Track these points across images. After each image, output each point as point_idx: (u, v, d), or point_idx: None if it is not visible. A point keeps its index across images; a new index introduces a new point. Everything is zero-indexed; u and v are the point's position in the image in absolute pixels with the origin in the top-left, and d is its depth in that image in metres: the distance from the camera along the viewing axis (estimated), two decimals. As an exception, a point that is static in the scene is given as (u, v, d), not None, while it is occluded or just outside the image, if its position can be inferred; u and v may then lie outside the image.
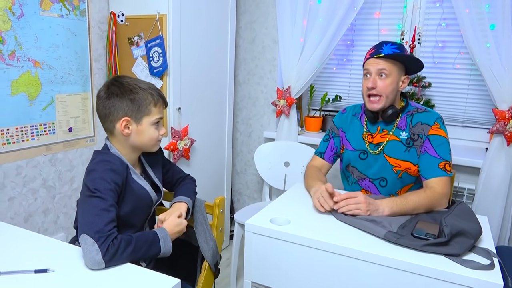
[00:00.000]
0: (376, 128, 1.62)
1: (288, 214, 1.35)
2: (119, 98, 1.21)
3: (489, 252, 1.09)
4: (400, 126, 1.58)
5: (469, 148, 2.29)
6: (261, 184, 2.87)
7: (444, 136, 1.52)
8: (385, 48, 1.53)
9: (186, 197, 1.40)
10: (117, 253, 1.03)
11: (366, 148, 1.63)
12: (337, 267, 1.15)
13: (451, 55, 2.28)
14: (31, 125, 1.91)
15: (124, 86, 1.22)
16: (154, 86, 1.28)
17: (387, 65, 1.52)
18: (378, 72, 1.53)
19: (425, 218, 1.29)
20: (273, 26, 2.64)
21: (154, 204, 1.36)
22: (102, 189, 1.11)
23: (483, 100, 2.24)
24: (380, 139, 1.60)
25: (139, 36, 2.12)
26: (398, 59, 1.53)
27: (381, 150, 1.59)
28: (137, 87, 1.23)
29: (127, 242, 1.07)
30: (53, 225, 2.10)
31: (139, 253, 1.10)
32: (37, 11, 1.85)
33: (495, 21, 1.93)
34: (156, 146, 1.33)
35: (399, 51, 1.51)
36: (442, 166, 1.46)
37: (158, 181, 1.39)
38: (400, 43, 1.58)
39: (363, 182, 1.66)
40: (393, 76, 1.53)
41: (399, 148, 1.56)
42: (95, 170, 1.15)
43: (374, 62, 1.54)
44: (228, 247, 2.79)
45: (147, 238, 1.14)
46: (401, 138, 1.56)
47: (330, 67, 2.64)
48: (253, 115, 2.85)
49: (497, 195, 2.02)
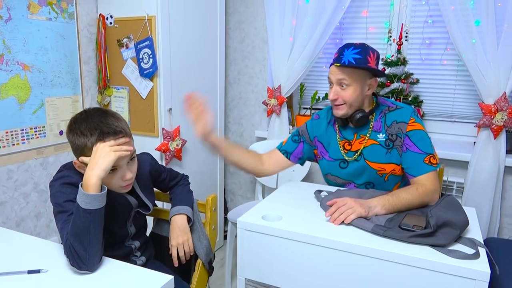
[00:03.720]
0: (353, 135, 1.55)
1: (280, 210, 1.37)
2: (70, 140, 1.16)
3: (475, 242, 1.12)
4: (376, 129, 1.52)
5: (458, 142, 2.33)
6: (253, 184, 2.89)
7: (422, 129, 1.47)
8: (346, 54, 1.44)
9: (184, 206, 1.39)
10: (74, 254, 1.00)
11: (343, 157, 1.56)
12: (327, 261, 1.17)
13: (438, 52, 2.31)
14: (21, 128, 1.90)
15: (73, 130, 1.15)
16: (105, 126, 1.12)
17: (347, 74, 1.44)
18: (338, 82, 1.46)
19: (412, 211, 1.32)
20: (262, 26, 2.66)
21: (135, 208, 1.32)
22: (61, 202, 1.11)
23: (470, 95, 2.27)
24: (359, 145, 1.53)
25: (128, 38, 2.13)
26: (357, 67, 1.44)
27: (358, 155, 1.53)
28: (79, 131, 1.12)
29: (72, 235, 1.02)
30: (46, 229, 2.09)
31: (84, 231, 1.01)
32: (25, 14, 1.85)
33: (480, 17, 1.96)
34: (123, 190, 1.22)
35: (360, 56, 1.42)
36: (428, 161, 1.44)
37: (144, 194, 1.34)
38: (363, 45, 1.46)
39: (349, 186, 1.61)
40: (354, 84, 1.45)
41: (379, 152, 1.50)
42: (53, 186, 1.16)
43: (335, 71, 1.46)
44: (222, 247, 2.80)
45: (74, 213, 1.03)
46: (379, 140, 1.50)
47: (320, 65, 2.66)
48: (245, 114, 2.86)
49: (486, 188, 2.06)
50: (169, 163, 2.20)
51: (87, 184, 1.02)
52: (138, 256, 1.36)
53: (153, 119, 2.15)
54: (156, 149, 2.13)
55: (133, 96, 2.20)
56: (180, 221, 1.35)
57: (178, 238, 1.33)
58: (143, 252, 1.39)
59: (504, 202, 2.15)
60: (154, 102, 2.14)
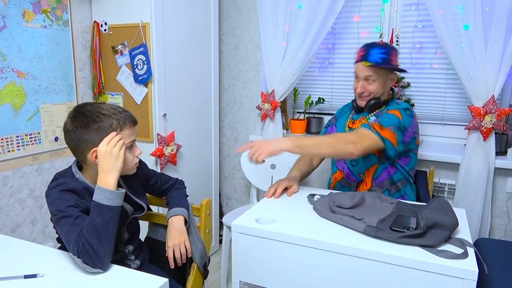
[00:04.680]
0: (359, 116, 1.80)
1: (273, 213, 1.39)
2: (84, 130, 1.17)
3: (464, 242, 1.14)
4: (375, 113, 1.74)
5: (449, 145, 2.36)
6: (248, 187, 2.91)
7: (395, 114, 1.63)
8: (372, 54, 1.66)
9: (180, 207, 1.41)
10: (90, 251, 1.03)
11: (345, 131, 1.81)
12: (320, 262, 1.19)
13: (428, 56, 2.35)
14: (16, 135, 1.91)
15: (87, 116, 1.18)
16: (120, 109, 1.23)
17: (374, 71, 1.67)
18: (366, 78, 1.70)
19: (405, 213, 1.34)
20: (255, 31, 2.69)
21: (130, 215, 1.35)
22: (63, 208, 1.12)
23: (460, 98, 2.31)
24: (358, 124, 1.77)
25: (122, 44, 2.15)
26: (384, 67, 1.67)
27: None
28: (100, 114, 1.18)
29: (88, 232, 1.06)
30: (42, 235, 2.10)
31: (103, 227, 1.07)
32: (20, 22, 1.87)
33: (468, 22, 2.00)
34: (133, 170, 1.30)
35: (386, 56, 1.65)
36: (371, 125, 1.58)
37: (136, 196, 1.36)
38: (387, 45, 1.71)
39: (338, 163, 1.82)
40: (380, 79, 1.70)
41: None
42: (51, 194, 1.16)
43: (363, 69, 1.69)
44: (218, 251, 2.81)
45: (93, 211, 1.10)
46: (369, 120, 1.74)
47: (313, 70, 2.69)
48: (239, 119, 2.89)
49: (476, 189, 2.09)
50: (164, 168, 2.21)
51: (107, 185, 1.11)
52: (132, 259, 1.38)
53: (148, 124, 2.17)
54: (151, 154, 2.15)
55: (127, 102, 2.22)
56: (177, 223, 1.37)
57: (175, 239, 1.35)
58: (137, 256, 1.40)
59: (494, 203, 2.19)
60: (148, 107, 2.15)
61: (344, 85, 2.62)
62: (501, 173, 2.14)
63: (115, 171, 1.14)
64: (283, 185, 1.60)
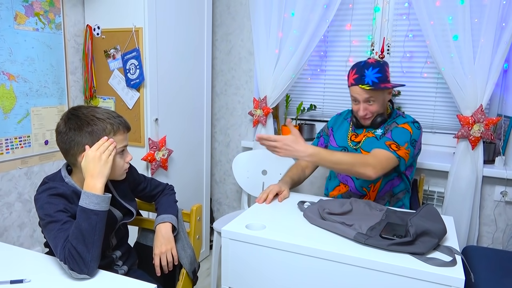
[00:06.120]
0: (362, 129, 1.79)
1: (263, 219, 1.39)
2: (77, 132, 1.17)
3: (452, 250, 1.16)
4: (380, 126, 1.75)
5: (438, 153, 2.39)
6: (240, 193, 2.90)
7: (407, 128, 1.64)
8: (367, 75, 1.64)
9: (168, 214, 1.40)
10: (76, 257, 1.03)
11: (348, 145, 1.79)
12: (310, 269, 1.20)
13: (418, 65, 2.39)
14: (5, 138, 1.89)
15: (81, 119, 1.18)
16: (114, 114, 1.24)
17: (373, 92, 1.66)
18: (365, 100, 1.68)
19: (394, 220, 1.35)
20: (248, 38, 2.70)
21: (120, 221, 1.34)
22: (52, 213, 1.11)
23: (450, 107, 2.35)
24: (362, 137, 1.77)
25: (115, 48, 2.15)
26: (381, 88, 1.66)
27: (358, 145, 1.75)
28: (95, 118, 1.19)
29: (75, 238, 1.05)
30: (29, 239, 2.07)
31: (90, 232, 1.06)
32: (11, 25, 1.86)
33: (458, 32, 2.03)
34: (123, 175, 1.30)
35: (381, 74, 1.64)
36: (388, 144, 1.58)
37: (125, 201, 1.36)
38: (379, 62, 1.68)
39: (340, 175, 1.79)
40: (379, 98, 1.69)
41: (373, 142, 1.69)
42: (40, 198, 1.15)
43: (361, 92, 1.67)
44: (208, 257, 2.80)
45: (79, 216, 1.08)
46: (376, 134, 1.73)
47: (305, 77, 2.71)
48: (231, 125, 2.89)
49: (465, 197, 2.11)
50: (155, 173, 2.20)
51: (93, 190, 1.10)
52: (120, 265, 1.37)
53: (139, 129, 2.17)
54: (142, 159, 2.14)
55: (119, 106, 2.21)
56: (164, 230, 1.36)
57: (162, 247, 1.34)
58: (125, 261, 1.39)
59: (482, 211, 2.21)
60: (140, 112, 2.15)
61: (335, 92, 2.64)
62: (489, 182, 2.17)
63: (102, 176, 1.13)
64: (274, 190, 1.60)
